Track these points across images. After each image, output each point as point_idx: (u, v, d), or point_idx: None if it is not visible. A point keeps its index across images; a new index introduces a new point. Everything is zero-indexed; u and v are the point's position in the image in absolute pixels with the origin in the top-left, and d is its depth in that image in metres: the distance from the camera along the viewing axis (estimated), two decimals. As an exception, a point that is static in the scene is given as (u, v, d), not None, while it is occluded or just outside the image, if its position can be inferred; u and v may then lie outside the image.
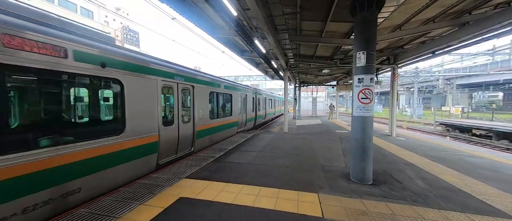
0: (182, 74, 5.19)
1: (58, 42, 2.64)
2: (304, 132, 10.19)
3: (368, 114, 3.62)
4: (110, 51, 3.33)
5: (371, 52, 3.58)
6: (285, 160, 4.94)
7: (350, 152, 3.83)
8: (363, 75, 3.62)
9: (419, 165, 4.71)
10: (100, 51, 3.16)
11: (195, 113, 5.71)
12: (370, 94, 3.60)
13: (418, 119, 27.18)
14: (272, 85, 42.09)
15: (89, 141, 2.97)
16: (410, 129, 16.86)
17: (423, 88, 39.30)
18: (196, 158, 5.03)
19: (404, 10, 5.14)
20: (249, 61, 12.90)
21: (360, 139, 3.67)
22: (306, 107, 22.23)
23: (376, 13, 3.60)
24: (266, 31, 5.56)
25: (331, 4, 4.86)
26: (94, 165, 3.03)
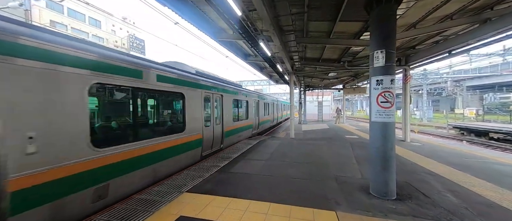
0: (215, 86, 6.54)
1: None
2: (312, 137, 9.76)
3: (389, 119, 3.24)
4: (179, 74, 4.81)
5: (391, 51, 3.23)
6: (295, 170, 4.56)
7: (369, 162, 3.43)
8: (382, 76, 3.26)
9: (444, 174, 4.25)
10: (174, 74, 4.61)
11: (224, 117, 6.98)
12: (391, 97, 3.22)
13: (429, 122, 26.25)
14: (276, 90, 41.74)
15: (171, 135, 4.38)
16: (422, 133, 16.15)
17: (432, 90, 38.26)
18: (199, 168, 4.71)
19: (421, 7, 4.79)
20: (253, 65, 12.66)
21: (381, 147, 3.28)
22: (311, 111, 21.73)
23: (395, 7, 3.27)
24: (272, 33, 5.28)
25: (342, 1, 4.55)
26: (172, 152, 4.38)
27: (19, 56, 2.13)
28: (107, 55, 3.12)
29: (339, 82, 18.20)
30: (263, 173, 4.39)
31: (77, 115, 2.62)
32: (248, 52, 9.79)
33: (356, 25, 5.90)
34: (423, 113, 28.60)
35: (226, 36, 7.26)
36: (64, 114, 2.48)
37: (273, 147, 7.22)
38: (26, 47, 2.19)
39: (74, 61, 2.62)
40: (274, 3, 4.53)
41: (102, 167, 2.89)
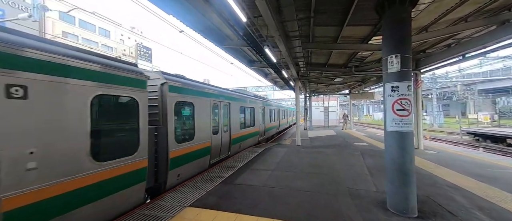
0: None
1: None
2: (319, 145, 9.44)
3: (407, 128, 2.99)
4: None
5: (406, 55, 3.02)
6: (303, 182, 4.30)
7: (386, 174, 3.16)
8: (398, 82, 3.03)
9: (468, 188, 3.90)
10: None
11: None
12: (408, 105, 2.98)
13: (440, 127, 25.32)
14: (281, 95, 41.54)
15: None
16: (433, 140, 15.49)
17: (441, 94, 37.21)
18: (203, 179, 4.52)
19: (434, 9, 4.58)
20: (258, 72, 12.58)
21: (398, 159, 3.01)
22: (317, 117, 21.33)
23: (410, 9, 3.08)
24: (278, 39, 5.17)
25: (350, 5, 4.40)
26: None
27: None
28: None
29: (345, 87, 17.87)
30: (269, 185, 4.15)
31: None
32: (253, 58, 9.72)
33: (365, 29, 5.72)
34: (433, 118, 27.66)
35: (231, 43, 7.21)
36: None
37: (279, 155, 6.96)
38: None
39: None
40: (280, 9, 4.43)
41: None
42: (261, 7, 3.59)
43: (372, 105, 54.45)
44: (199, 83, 5.80)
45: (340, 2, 4.41)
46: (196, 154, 4.90)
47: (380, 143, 9.60)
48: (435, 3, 4.35)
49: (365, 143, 9.85)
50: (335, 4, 4.53)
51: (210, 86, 6.19)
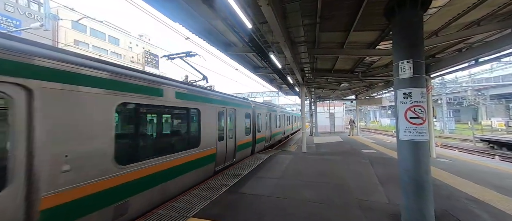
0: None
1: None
2: (326, 151, 9.21)
3: (421, 137, 2.83)
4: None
5: (419, 61, 2.89)
6: (311, 192, 4.13)
7: (401, 187, 2.97)
8: (411, 89, 2.90)
9: (489, 201, 3.64)
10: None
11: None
12: (422, 112, 2.83)
13: (451, 134, 24.46)
14: (286, 101, 41.38)
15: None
16: (445, 147, 14.93)
17: (451, 100, 36.16)
18: (208, 187, 4.41)
19: (445, 13, 4.45)
20: (262, 78, 12.57)
21: (412, 170, 2.84)
22: (322, 123, 20.97)
23: (421, 13, 2.98)
24: (283, 45, 5.12)
25: (356, 10, 4.33)
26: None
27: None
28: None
29: (351, 93, 17.61)
30: (275, 195, 4.01)
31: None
32: (258, 64, 9.72)
33: (372, 34, 5.62)
34: (444, 124, 26.80)
35: (235, 49, 7.23)
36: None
37: (285, 163, 6.80)
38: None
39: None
40: (285, 15, 4.40)
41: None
42: (267, 14, 3.56)
43: (379, 110, 53.42)
44: (240, 98, 7.70)
45: (347, 7, 4.35)
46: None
47: (389, 151, 9.29)
48: (446, 7, 4.23)
49: (373, 150, 9.55)
50: (341, 10, 4.47)
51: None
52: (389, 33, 5.38)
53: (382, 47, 6.43)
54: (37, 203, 2.02)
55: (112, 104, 2.84)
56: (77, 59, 2.58)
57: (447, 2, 4.02)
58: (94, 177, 2.52)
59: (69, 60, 2.43)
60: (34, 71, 2.11)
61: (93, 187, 2.49)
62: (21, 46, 2.12)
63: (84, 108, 2.49)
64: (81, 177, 2.39)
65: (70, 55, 2.56)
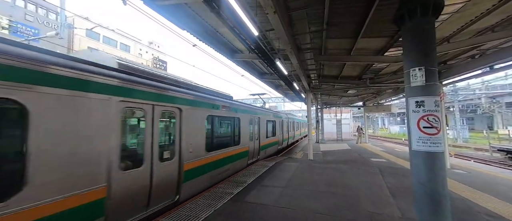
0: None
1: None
2: (333, 159, 8.97)
3: (436, 148, 2.68)
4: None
5: (432, 68, 2.79)
6: (318, 203, 3.98)
7: (414, 201, 2.81)
8: (423, 97, 2.78)
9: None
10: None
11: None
12: (437, 122, 2.70)
13: (465, 143, 23.41)
14: (292, 107, 41.13)
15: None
16: (460, 157, 14.25)
17: (464, 107, 34.87)
18: (212, 196, 4.34)
19: (458, 19, 4.33)
20: (268, 84, 12.57)
21: (427, 183, 2.68)
22: (329, 130, 20.58)
23: (433, 20, 2.89)
24: (289, 52, 5.11)
25: (364, 17, 4.28)
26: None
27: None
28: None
29: (359, 100, 17.30)
30: (280, 205, 3.89)
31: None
32: (264, 70, 9.75)
33: (380, 41, 5.53)
34: (457, 133, 25.74)
35: (242, 56, 7.29)
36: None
37: (291, 171, 6.65)
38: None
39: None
40: (292, 22, 4.40)
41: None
42: (274, 22, 3.57)
43: (387, 117, 52.10)
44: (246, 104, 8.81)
45: (354, 14, 4.31)
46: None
47: (400, 160, 8.95)
48: (458, 14, 4.12)
49: (383, 159, 9.22)
50: (348, 17, 4.44)
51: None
52: (399, 39, 5.28)
53: (391, 54, 6.30)
54: (182, 166, 3.97)
55: (205, 116, 4.90)
56: (210, 95, 5.36)
57: (459, 9, 3.91)
58: (198, 157, 4.50)
59: (202, 94, 5.03)
60: (181, 102, 4.12)
61: (199, 161, 4.51)
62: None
63: (197, 120, 4.58)
64: (194, 156, 4.35)
65: (200, 91, 5.12)
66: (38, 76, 2.13)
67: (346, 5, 4.00)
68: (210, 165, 4.89)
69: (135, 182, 3.01)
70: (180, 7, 4.40)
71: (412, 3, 2.82)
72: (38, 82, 2.13)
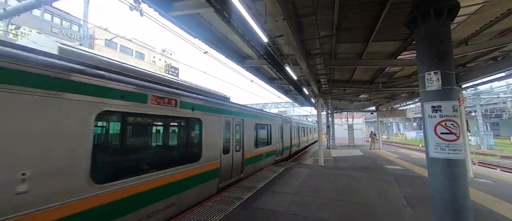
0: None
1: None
2: (345, 166, 8.71)
3: (456, 155, 2.55)
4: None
5: (448, 72, 2.69)
6: (330, 211, 3.88)
7: (432, 212, 2.67)
8: (440, 101, 2.68)
9: (546, 233, 3.09)
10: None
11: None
12: (455, 128, 2.58)
13: (490, 150, 21.82)
14: (301, 111, 40.70)
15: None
16: (484, 165, 13.30)
17: (487, 112, 32.64)
18: (222, 200, 4.37)
19: (476, 21, 4.16)
20: (277, 89, 12.59)
21: (447, 193, 2.54)
22: (340, 135, 20.02)
23: (448, 23, 2.81)
24: (299, 57, 5.13)
25: (375, 21, 4.23)
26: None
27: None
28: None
29: (371, 104, 16.80)
30: (291, 212, 3.83)
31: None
32: (273, 76, 9.81)
33: (393, 44, 5.41)
34: (480, 139, 24.10)
35: (251, 62, 7.40)
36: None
37: (301, 177, 6.54)
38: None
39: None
40: (301, 28, 4.44)
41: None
42: (283, 28, 3.63)
43: (402, 122, 49.89)
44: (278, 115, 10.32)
45: (365, 18, 4.27)
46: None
47: (417, 167, 8.51)
48: (476, 15, 3.96)
49: (398, 166, 8.82)
50: (358, 22, 4.41)
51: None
52: (412, 42, 5.14)
53: (405, 57, 6.13)
54: (245, 156, 6.16)
55: (254, 124, 7.09)
56: (239, 106, 6.58)
57: (476, 10, 3.77)
58: (251, 151, 6.63)
59: (239, 107, 6.45)
60: (244, 115, 6.44)
61: (251, 154, 6.67)
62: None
63: (251, 126, 6.91)
64: (249, 150, 6.54)
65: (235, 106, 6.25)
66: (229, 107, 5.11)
67: (356, 10, 3.99)
68: (255, 157, 7.09)
69: (227, 162, 5.36)
70: (193, 17, 4.60)
71: (425, 6, 2.76)
72: (206, 109, 4.68)
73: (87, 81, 2.51)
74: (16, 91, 1.99)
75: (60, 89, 2.28)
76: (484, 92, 27.92)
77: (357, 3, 3.82)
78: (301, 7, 3.60)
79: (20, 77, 2.03)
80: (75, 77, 2.41)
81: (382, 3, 3.69)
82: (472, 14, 3.91)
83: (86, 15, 11.00)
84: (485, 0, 3.54)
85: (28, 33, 18.86)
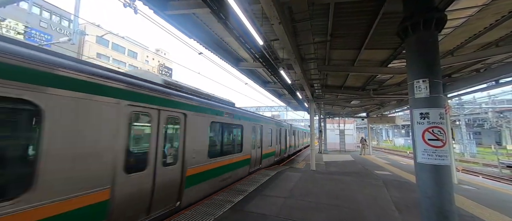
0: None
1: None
2: (336, 171, 8.80)
3: (442, 161, 2.63)
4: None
5: (436, 80, 2.79)
6: (321, 215, 3.88)
7: (421, 216, 2.72)
8: (428, 109, 2.77)
9: (525, 238, 3.22)
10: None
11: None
12: (442, 134, 2.67)
13: (473, 158, 22.77)
14: (294, 116, 41.05)
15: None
16: (467, 172, 13.84)
17: (471, 121, 34.19)
18: (212, 203, 4.28)
19: (461, 33, 4.37)
20: (272, 92, 12.65)
21: (434, 198, 2.61)
22: (332, 140, 20.33)
23: (436, 34, 2.93)
24: (293, 61, 5.19)
25: (367, 30, 4.37)
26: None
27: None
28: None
29: (362, 110, 17.20)
30: (283, 216, 3.80)
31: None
32: (267, 79, 9.86)
33: (384, 52, 5.59)
34: (464, 147, 25.12)
35: (246, 64, 7.41)
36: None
37: (293, 181, 6.54)
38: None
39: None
40: (296, 33, 4.51)
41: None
42: (278, 32, 3.66)
43: (392, 129, 51.33)
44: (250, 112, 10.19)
45: (358, 27, 4.40)
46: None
47: (405, 173, 8.73)
48: (462, 28, 4.17)
49: (387, 172, 9.01)
50: (352, 29, 4.53)
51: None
52: (402, 51, 5.32)
53: (395, 65, 6.34)
54: (262, 151, 8.60)
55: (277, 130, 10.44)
56: (285, 124, 11.94)
57: (462, 23, 3.96)
58: (268, 149, 9.23)
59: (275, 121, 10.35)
60: (261, 121, 8.66)
61: (267, 150, 9.03)
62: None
63: (269, 129, 9.49)
64: (266, 147, 8.93)
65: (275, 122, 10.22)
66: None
67: (349, 18, 4.10)
68: (270, 153, 9.08)
69: (255, 156, 7.77)
70: (188, 17, 4.57)
71: (415, 17, 2.88)
72: (245, 118, 7.04)
73: (208, 106, 4.96)
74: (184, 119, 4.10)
75: (204, 112, 4.77)
76: (468, 102, 29.30)
77: (350, 11, 3.93)
78: (297, 12, 3.66)
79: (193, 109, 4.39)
80: (204, 104, 4.80)
81: (375, 12, 3.82)
82: (458, 27, 4.11)
83: (78, 10, 10.73)
84: (470, 14, 3.74)
85: (15, 26, 18.09)
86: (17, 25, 18.38)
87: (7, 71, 1.94)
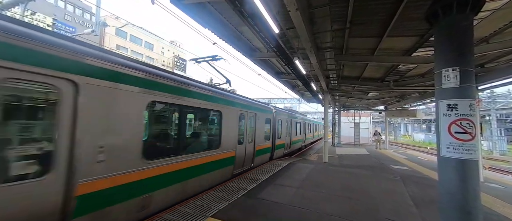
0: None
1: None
2: (350, 164, 8.64)
3: (470, 155, 2.47)
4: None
5: (468, 69, 2.57)
6: (333, 206, 3.88)
7: (440, 211, 2.62)
8: (456, 99, 2.58)
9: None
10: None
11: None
12: (471, 127, 2.49)
13: (502, 156, 21.06)
14: (307, 108, 40.27)
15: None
16: (494, 170, 12.90)
17: (503, 116, 31.28)
18: (227, 189, 4.45)
19: (500, 17, 3.92)
20: (285, 84, 12.47)
21: (457, 194, 2.48)
22: (346, 134, 19.77)
23: (471, 16, 2.66)
24: (309, 50, 5.03)
25: (392, 15, 4.07)
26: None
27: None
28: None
29: (380, 103, 16.42)
30: (294, 204, 3.86)
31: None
32: (280, 70, 9.70)
33: (408, 40, 5.20)
34: (493, 144, 23.25)
35: (260, 54, 7.33)
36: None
37: (305, 172, 6.54)
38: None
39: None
40: (314, 20, 4.33)
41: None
42: (295, 19, 3.55)
43: (411, 123, 48.64)
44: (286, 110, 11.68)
45: (381, 12, 4.11)
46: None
47: (425, 169, 8.35)
48: (501, 11, 3.73)
49: (405, 167, 8.67)
50: (374, 15, 4.25)
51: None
52: (429, 38, 4.92)
53: (420, 54, 5.90)
54: (276, 142, 8.85)
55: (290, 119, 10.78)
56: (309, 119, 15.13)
57: (502, 5, 3.54)
58: (283, 139, 9.75)
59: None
60: (280, 115, 9.50)
61: (280, 141, 9.32)
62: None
63: (285, 121, 10.14)
64: (282, 139, 9.71)
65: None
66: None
67: (373, 2, 3.84)
68: (280, 145, 9.20)
69: (286, 141, 10.14)
70: (204, 6, 4.56)
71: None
72: (279, 114, 9.41)
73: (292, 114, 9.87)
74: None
75: (254, 109, 6.84)
76: (501, 95, 26.70)
77: (373, -5, 3.67)
78: (314, -2, 3.50)
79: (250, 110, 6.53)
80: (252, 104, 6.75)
81: (400, -5, 3.54)
82: (497, 10, 3.69)
83: (100, 1, 11.18)
84: (513, -5, 3.33)
85: (43, 20, 19.31)
86: (45, 18, 19.62)
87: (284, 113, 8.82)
